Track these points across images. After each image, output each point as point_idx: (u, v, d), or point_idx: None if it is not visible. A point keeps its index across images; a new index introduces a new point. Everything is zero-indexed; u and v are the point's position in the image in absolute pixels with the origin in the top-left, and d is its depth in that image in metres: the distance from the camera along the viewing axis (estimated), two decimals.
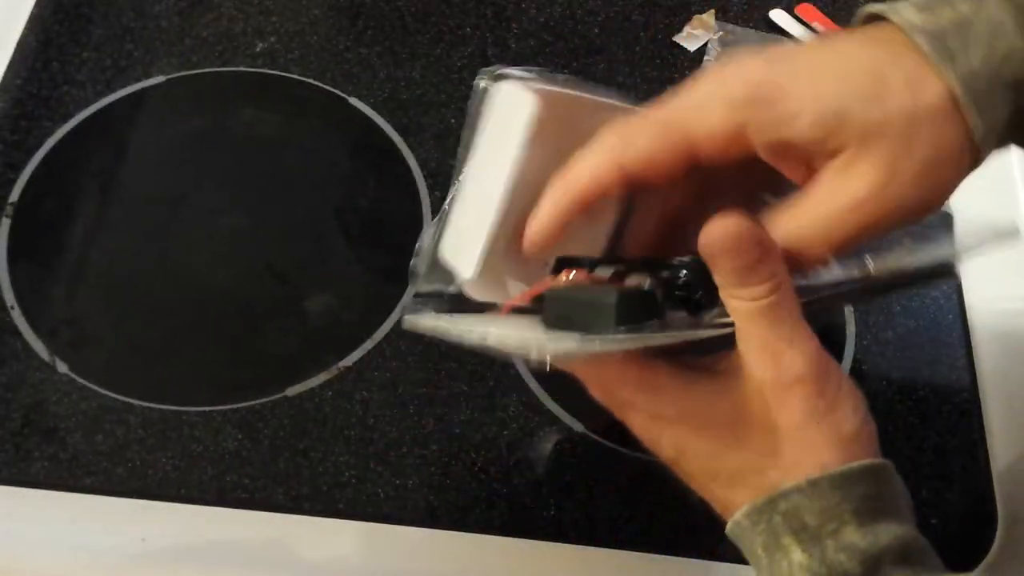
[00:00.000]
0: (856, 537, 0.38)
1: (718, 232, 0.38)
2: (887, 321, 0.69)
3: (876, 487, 0.40)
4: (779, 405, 0.40)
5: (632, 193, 0.44)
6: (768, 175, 0.42)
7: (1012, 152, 0.42)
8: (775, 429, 0.40)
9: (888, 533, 0.39)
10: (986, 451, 0.64)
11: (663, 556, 0.58)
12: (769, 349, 0.40)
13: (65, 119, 0.72)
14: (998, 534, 0.61)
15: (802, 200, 0.40)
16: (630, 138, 0.41)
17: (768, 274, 0.39)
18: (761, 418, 0.40)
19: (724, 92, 0.40)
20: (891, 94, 0.38)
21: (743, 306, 0.40)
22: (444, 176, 0.71)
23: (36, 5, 0.77)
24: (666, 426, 0.42)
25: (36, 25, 0.77)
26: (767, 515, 0.39)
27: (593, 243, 0.46)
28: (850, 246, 0.40)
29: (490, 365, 0.64)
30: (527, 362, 0.64)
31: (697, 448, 0.42)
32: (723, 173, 0.42)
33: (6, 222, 0.68)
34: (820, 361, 0.40)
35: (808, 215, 0.40)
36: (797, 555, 0.39)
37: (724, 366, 0.42)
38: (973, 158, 0.40)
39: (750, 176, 0.43)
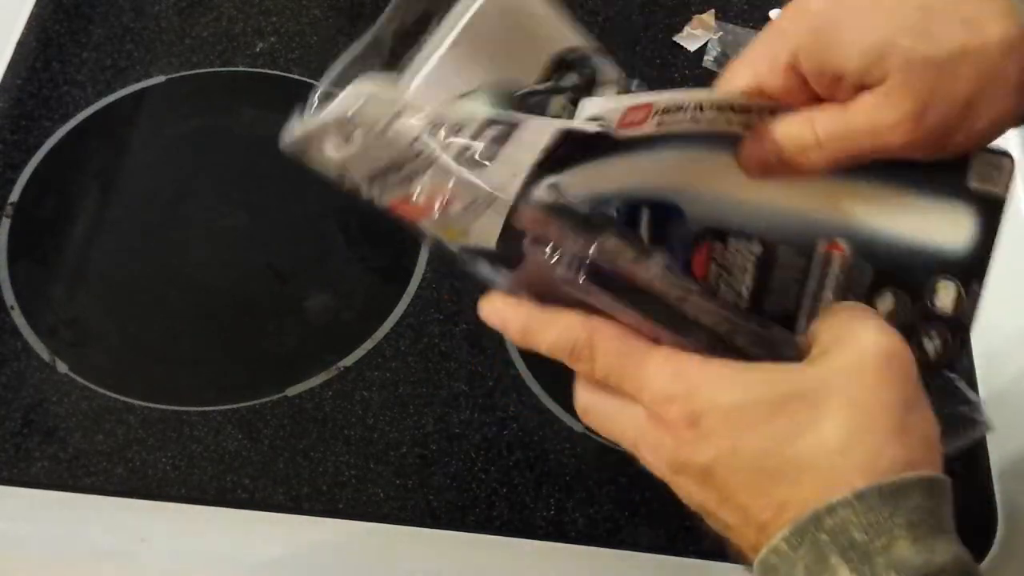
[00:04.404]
0: (910, 553, 0.34)
1: None
2: None
3: (931, 500, 0.36)
4: (879, 381, 0.36)
5: None
6: None
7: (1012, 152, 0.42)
8: (866, 408, 0.36)
9: (946, 550, 0.35)
10: (986, 451, 0.64)
11: (663, 556, 0.58)
12: (858, 315, 0.39)
13: (65, 119, 0.72)
14: (998, 534, 0.61)
15: (831, 108, 0.41)
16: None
17: None
18: (850, 397, 0.36)
19: (784, 24, 0.42)
20: (942, 30, 0.39)
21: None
22: None
23: (36, 5, 0.77)
24: (707, 417, 0.36)
25: (36, 25, 0.77)
26: (811, 534, 0.35)
27: None
28: (852, 163, 0.41)
29: (490, 365, 0.64)
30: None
31: (753, 439, 0.36)
32: None
33: (6, 222, 0.68)
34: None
35: (830, 121, 0.40)
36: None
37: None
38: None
39: None
